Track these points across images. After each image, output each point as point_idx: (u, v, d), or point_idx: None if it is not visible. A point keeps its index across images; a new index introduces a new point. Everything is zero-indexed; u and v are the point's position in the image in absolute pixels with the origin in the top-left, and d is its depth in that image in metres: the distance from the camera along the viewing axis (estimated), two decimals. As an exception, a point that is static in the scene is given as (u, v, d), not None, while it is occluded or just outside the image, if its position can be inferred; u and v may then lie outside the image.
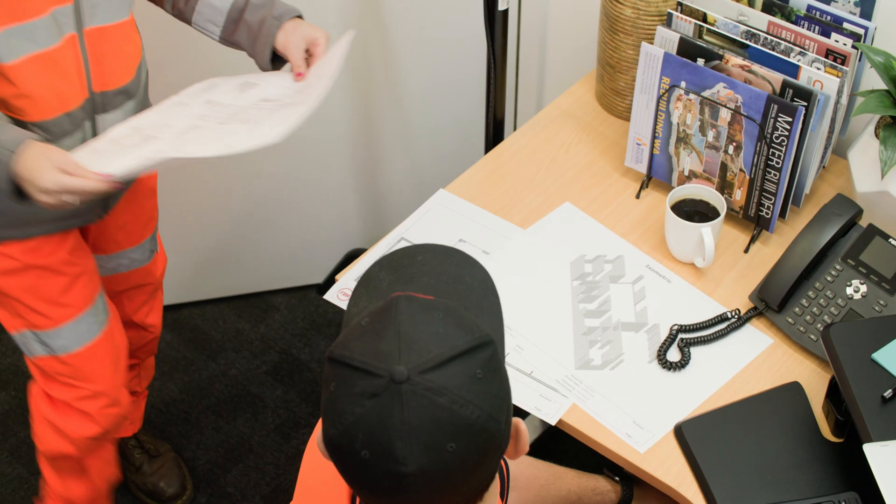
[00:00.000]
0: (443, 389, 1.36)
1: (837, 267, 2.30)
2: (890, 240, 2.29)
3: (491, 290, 1.55)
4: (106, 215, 2.54)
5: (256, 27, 2.39)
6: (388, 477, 1.36)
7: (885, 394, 2.04)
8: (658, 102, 2.47)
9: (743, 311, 2.35)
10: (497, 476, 1.53)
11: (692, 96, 2.41)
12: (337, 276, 2.42)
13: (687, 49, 2.42)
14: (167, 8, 2.47)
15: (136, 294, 2.84)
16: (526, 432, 1.51)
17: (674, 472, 2.11)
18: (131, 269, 2.77)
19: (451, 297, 1.49)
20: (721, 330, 2.31)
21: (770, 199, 2.42)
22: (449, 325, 1.41)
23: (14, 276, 2.43)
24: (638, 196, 2.58)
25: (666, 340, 2.29)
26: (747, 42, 2.39)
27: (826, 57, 2.39)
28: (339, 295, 2.39)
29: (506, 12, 2.68)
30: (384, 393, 1.36)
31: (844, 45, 2.37)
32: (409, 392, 1.35)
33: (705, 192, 2.43)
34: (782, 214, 2.48)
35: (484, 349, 1.41)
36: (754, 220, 2.48)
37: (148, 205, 2.71)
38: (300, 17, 2.40)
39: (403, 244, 2.46)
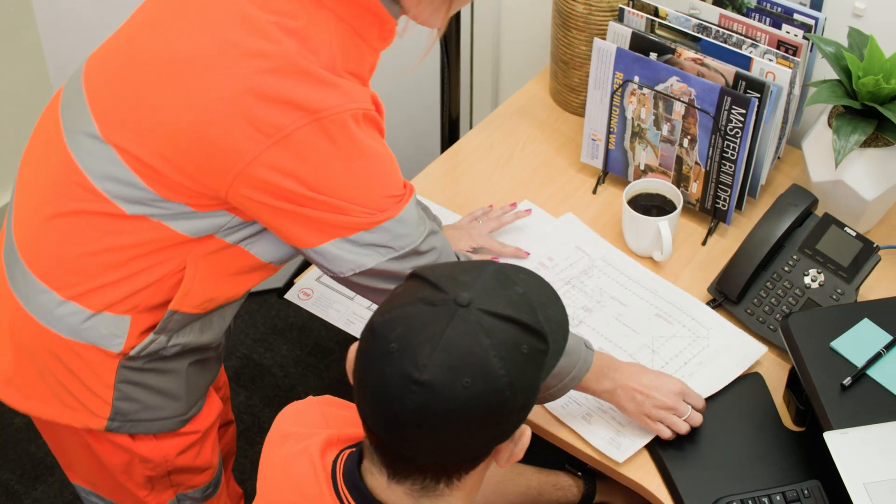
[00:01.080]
0: (491, 333, 1.45)
1: (794, 257, 2.31)
2: (846, 228, 2.30)
3: (563, 333, 1.59)
4: None
5: None
6: (400, 377, 1.43)
7: (845, 381, 2.05)
8: (612, 98, 2.47)
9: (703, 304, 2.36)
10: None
11: (646, 91, 2.42)
12: (296, 280, 2.42)
13: (639, 44, 2.42)
14: None
15: None
16: (527, 441, 1.55)
17: (637, 466, 2.11)
18: None
19: None
20: (681, 323, 2.32)
21: (726, 191, 2.43)
22: (522, 301, 1.50)
23: (192, 449, 2.19)
24: (594, 191, 2.58)
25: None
26: (699, 35, 2.40)
27: (778, 48, 2.40)
28: (300, 295, 2.38)
29: (458, 11, 2.68)
30: (442, 306, 1.46)
31: (795, 36, 2.38)
32: (462, 316, 1.45)
33: (661, 185, 2.44)
34: (739, 206, 2.49)
35: (539, 339, 1.49)
36: (711, 213, 2.49)
37: None
38: None
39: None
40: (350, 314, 2.34)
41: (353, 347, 1.56)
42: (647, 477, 2.10)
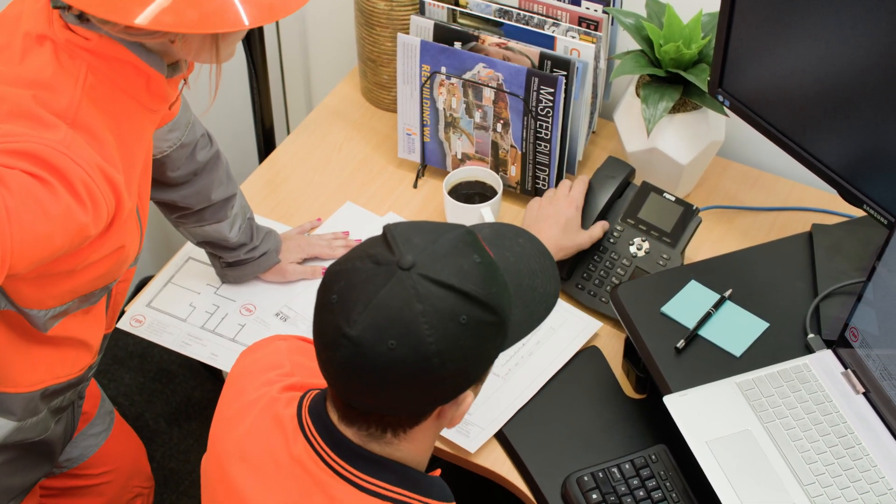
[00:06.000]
0: (425, 300, 1.45)
1: (618, 228, 2.34)
2: (665, 194, 2.33)
3: (545, 306, 1.64)
4: None
5: (257, 256, 2.37)
6: (334, 328, 1.47)
7: (678, 345, 2.09)
8: (422, 91, 2.48)
9: (533, 285, 2.37)
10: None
11: (454, 80, 2.43)
12: (126, 307, 2.38)
13: (443, 34, 2.43)
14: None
15: None
16: (467, 407, 1.57)
17: (487, 453, 2.12)
18: None
19: (510, 280, 1.58)
20: (514, 306, 2.33)
21: (544, 171, 2.45)
22: (477, 271, 1.50)
23: None
24: (415, 185, 2.59)
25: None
26: (501, 20, 2.41)
27: (579, 25, 2.42)
28: (132, 322, 2.34)
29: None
30: (384, 266, 1.48)
31: (595, 11, 2.41)
32: (399, 280, 1.46)
33: (480, 172, 2.45)
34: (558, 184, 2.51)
35: (486, 311, 1.49)
36: (532, 193, 2.51)
37: None
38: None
39: (192, 264, 2.44)
40: (184, 336, 2.32)
41: None
42: (497, 462, 2.11)
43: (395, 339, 1.44)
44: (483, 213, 2.35)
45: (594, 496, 1.97)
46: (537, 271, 1.64)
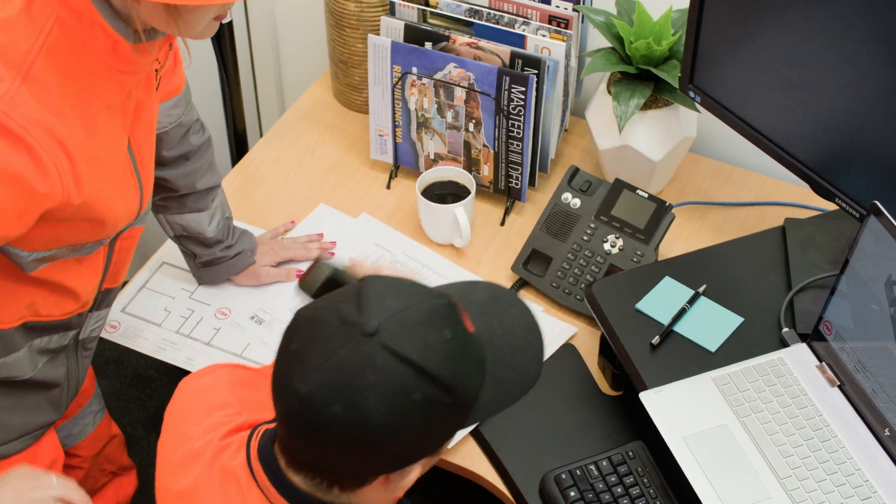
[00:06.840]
0: (380, 371, 1.39)
1: (592, 225, 2.34)
2: (638, 191, 2.34)
3: (520, 388, 1.55)
4: None
5: (232, 255, 2.36)
6: (285, 379, 1.43)
7: (653, 341, 2.09)
8: (393, 91, 2.47)
9: (509, 284, 2.37)
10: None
11: (425, 80, 2.43)
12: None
13: (414, 35, 2.43)
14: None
15: None
16: (410, 482, 1.51)
17: (464, 452, 2.12)
18: None
19: (490, 353, 1.52)
20: (490, 305, 2.33)
21: (517, 170, 2.45)
22: (444, 348, 1.43)
23: None
24: (388, 186, 2.58)
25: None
26: (471, 20, 2.41)
27: (550, 23, 2.43)
28: (107, 328, 2.34)
29: (231, 24, 2.65)
30: (348, 327, 1.41)
31: (565, 9, 2.41)
32: (359, 345, 1.40)
33: (453, 172, 2.45)
34: (531, 183, 2.51)
35: (443, 392, 1.42)
36: (506, 193, 2.51)
37: None
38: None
39: (166, 268, 2.43)
40: (159, 341, 2.31)
41: None
42: (475, 462, 2.11)
43: (341, 404, 1.38)
44: (456, 213, 2.36)
45: (572, 493, 1.97)
46: (521, 349, 1.56)
